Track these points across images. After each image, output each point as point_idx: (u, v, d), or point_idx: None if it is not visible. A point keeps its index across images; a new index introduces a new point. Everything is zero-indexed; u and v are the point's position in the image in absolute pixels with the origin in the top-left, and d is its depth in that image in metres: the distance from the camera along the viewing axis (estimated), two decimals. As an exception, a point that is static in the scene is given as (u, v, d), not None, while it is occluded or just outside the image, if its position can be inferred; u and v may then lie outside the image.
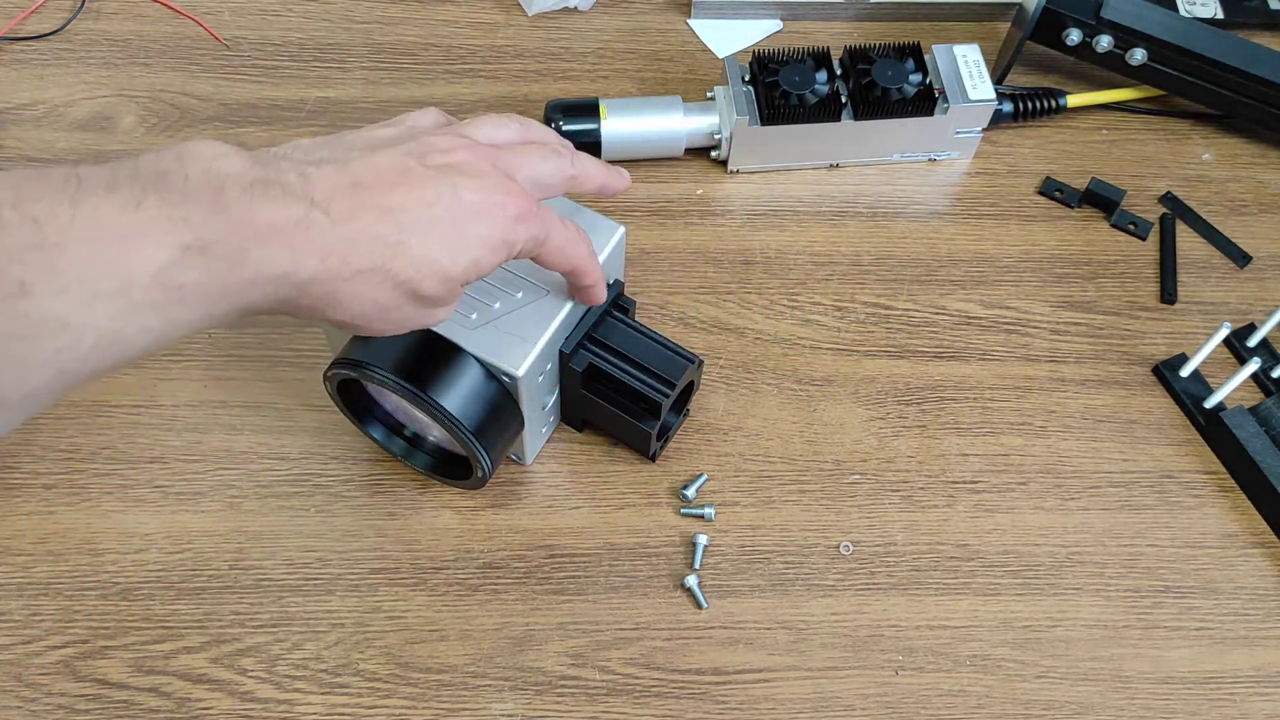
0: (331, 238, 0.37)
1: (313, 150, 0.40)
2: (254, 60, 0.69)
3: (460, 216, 0.40)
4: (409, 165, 0.40)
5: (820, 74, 0.62)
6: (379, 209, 0.38)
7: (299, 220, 0.36)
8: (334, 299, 0.39)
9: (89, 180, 0.34)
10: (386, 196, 0.39)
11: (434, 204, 0.40)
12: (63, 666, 0.51)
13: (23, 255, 0.32)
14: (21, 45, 0.69)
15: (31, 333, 0.32)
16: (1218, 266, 0.65)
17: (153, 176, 0.35)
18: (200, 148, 0.36)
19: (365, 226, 0.38)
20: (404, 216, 0.39)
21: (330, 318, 0.40)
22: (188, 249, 0.34)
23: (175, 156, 0.36)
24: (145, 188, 0.34)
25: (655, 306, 0.61)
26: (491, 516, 0.55)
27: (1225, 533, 0.56)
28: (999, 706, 0.51)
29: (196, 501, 0.55)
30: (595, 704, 0.51)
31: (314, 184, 0.38)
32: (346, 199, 0.38)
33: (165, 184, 0.35)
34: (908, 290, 0.63)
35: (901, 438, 0.58)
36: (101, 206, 0.33)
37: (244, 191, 0.36)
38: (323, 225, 0.37)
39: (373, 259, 0.38)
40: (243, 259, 0.35)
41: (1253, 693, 0.52)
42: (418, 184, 0.40)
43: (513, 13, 0.72)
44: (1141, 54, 0.65)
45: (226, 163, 0.36)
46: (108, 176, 0.34)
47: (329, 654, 0.51)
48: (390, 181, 0.39)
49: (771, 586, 0.54)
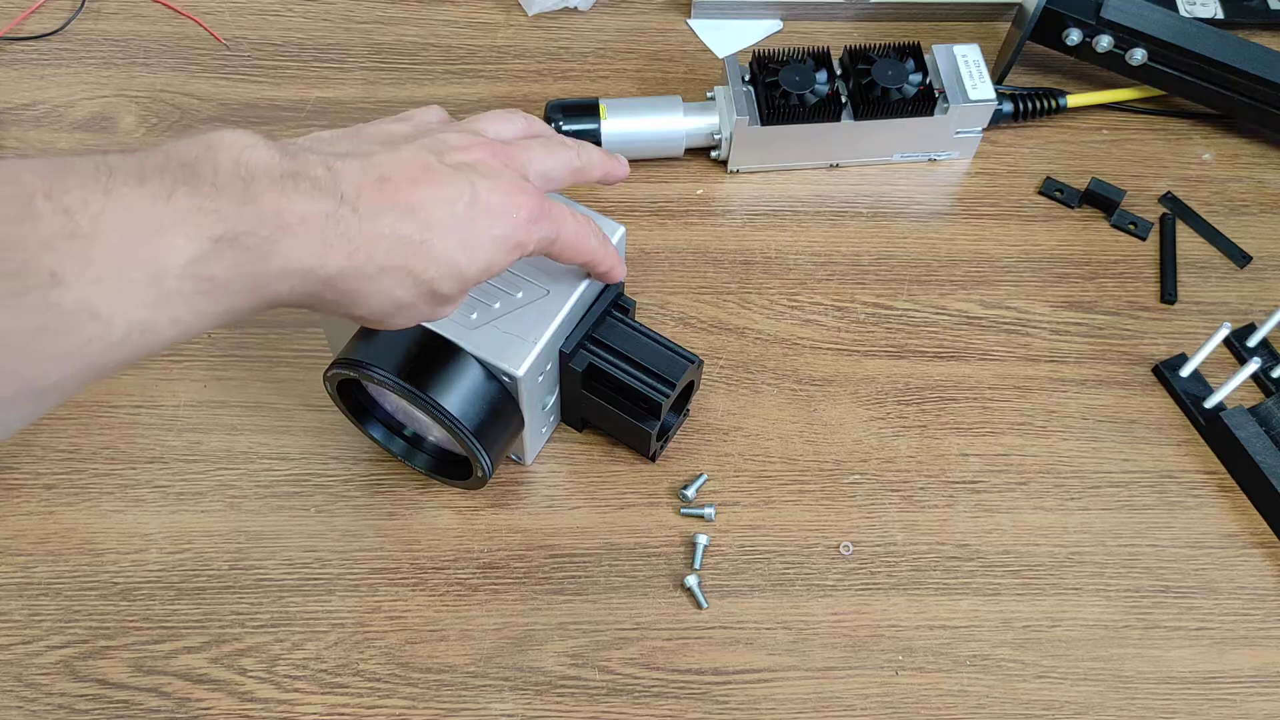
0: (359, 233, 0.37)
1: (334, 143, 0.40)
2: (254, 60, 0.69)
3: (479, 217, 0.40)
4: (430, 162, 0.40)
5: (820, 74, 0.62)
6: (404, 206, 0.39)
7: (329, 214, 0.37)
8: (358, 295, 0.39)
9: (120, 169, 0.33)
10: (411, 194, 0.39)
11: (455, 203, 0.40)
12: (63, 666, 0.51)
13: (55, 244, 0.32)
14: (21, 45, 0.69)
15: (62, 323, 0.32)
16: (1218, 266, 0.65)
17: (182, 166, 0.35)
18: (230, 137, 0.36)
19: (392, 224, 0.38)
20: (427, 215, 0.39)
21: (351, 313, 0.40)
22: (219, 240, 0.34)
23: (205, 146, 0.36)
24: (175, 178, 0.34)
25: (655, 306, 0.61)
26: (491, 516, 0.55)
27: (1225, 533, 0.56)
28: (999, 706, 0.51)
29: (196, 501, 0.55)
30: (595, 704, 0.51)
31: (342, 178, 0.38)
32: (373, 194, 0.38)
33: (195, 174, 0.35)
34: (908, 290, 0.63)
35: (901, 438, 0.58)
36: (133, 197, 0.33)
37: (274, 184, 0.36)
38: (350, 221, 0.37)
39: (397, 257, 0.38)
40: (271, 251, 0.35)
41: (1253, 693, 0.52)
42: (440, 182, 0.40)
43: (513, 13, 0.72)
44: (1141, 54, 0.65)
45: (255, 154, 0.36)
46: (137, 166, 0.34)
47: (329, 654, 0.51)
48: (413, 178, 0.39)
49: (771, 586, 0.54)
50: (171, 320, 0.34)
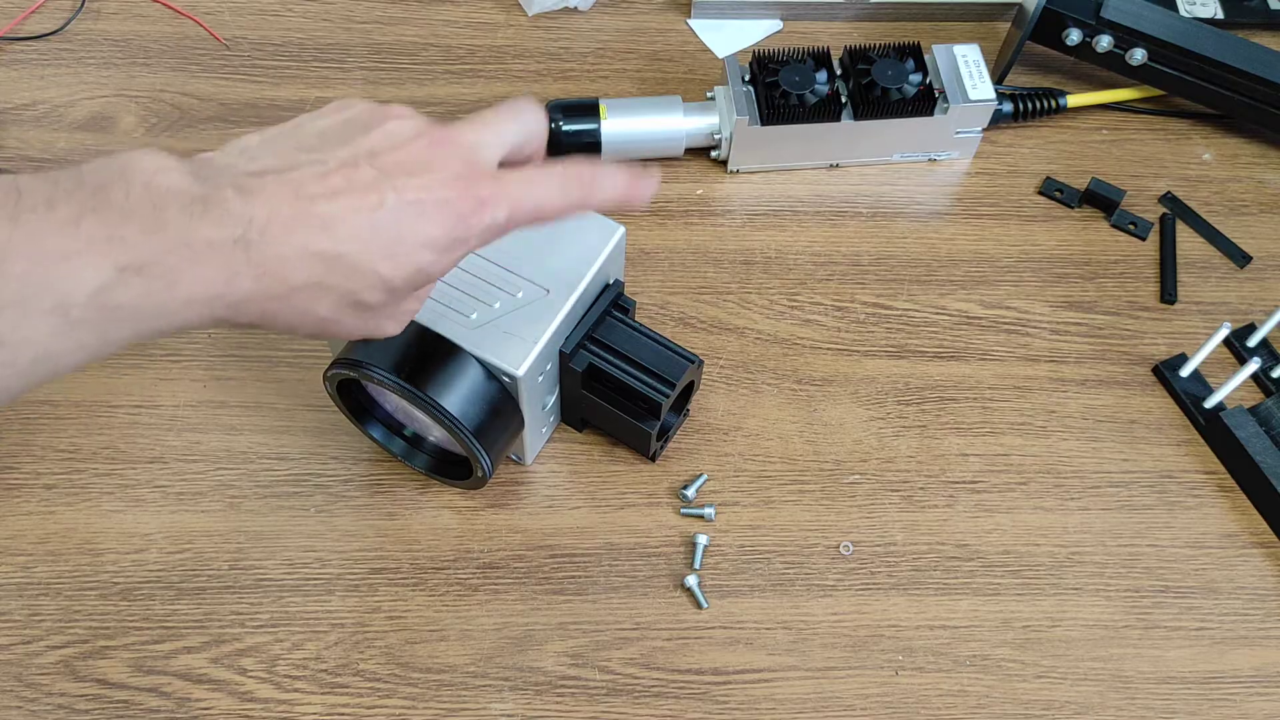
0: (268, 255, 0.36)
1: (256, 155, 0.39)
2: (254, 60, 0.69)
3: (403, 221, 0.38)
4: (353, 167, 0.38)
5: (820, 74, 0.62)
6: (318, 222, 0.37)
7: (237, 239, 0.36)
8: (273, 314, 0.38)
9: (29, 193, 0.33)
10: (329, 207, 0.37)
11: (376, 209, 0.38)
12: (63, 666, 0.51)
13: None
14: (21, 45, 0.69)
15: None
16: (1218, 266, 0.65)
17: (94, 190, 0.34)
18: (142, 160, 0.36)
19: (304, 242, 0.37)
20: (343, 228, 0.37)
21: (275, 330, 0.39)
22: (124, 270, 0.34)
23: (119, 169, 0.35)
24: (85, 204, 0.34)
25: (655, 306, 0.61)
26: (491, 516, 0.55)
27: (1225, 533, 0.56)
28: (999, 706, 0.51)
29: (196, 501, 0.55)
30: (595, 704, 0.51)
31: (254, 199, 0.37)
32: (286, 211, 0.37)
33: (106, 200, 0.34)
34: (908, 290, 0.63)
35: (901, 438, 0.58)
36: (40, 224, 0.33)
37: (183, 210, 0.35)
38: (259, 245, 0.36)
39: (309, 274, 0.37)
40: (177, 280, 0.35)
41: (1253, 693, 0.52)
42: (361, 189, 0.38)
43: (513, 13, 0.72)
44: (1141, 54, 0.65)
45: (168, 178, 0.35)
46: (48, 191, 0.34)
47: (329, 654, 0.51)
48: (333, 190, 0.38)
49: (771, 586, 0.54)
50: (78, 346, 0.34)
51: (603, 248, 0.51)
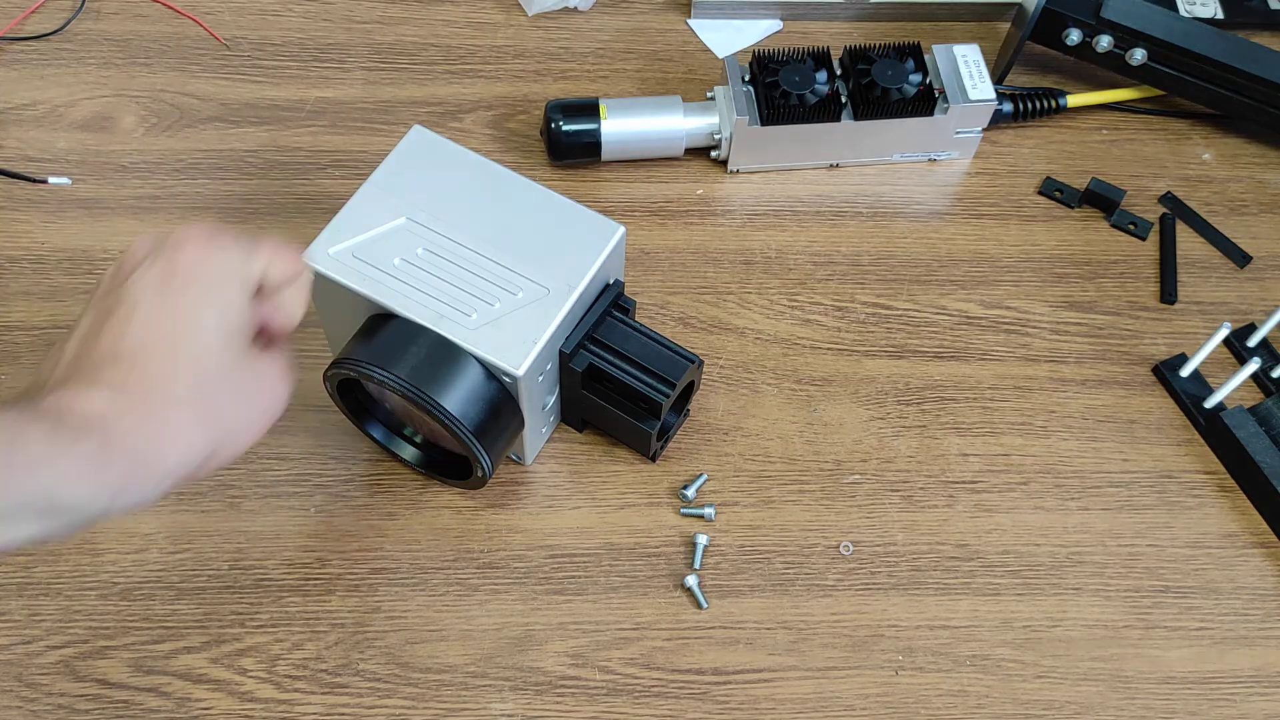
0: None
1: (56, 364, 0.40)
2: (254, 60, 0.69)
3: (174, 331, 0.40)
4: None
5: (820, 74, 0.62)
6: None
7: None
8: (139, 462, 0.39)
9: None
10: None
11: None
12: (63, 666, 0.51)
13: None
14: (21, 45, 0.69)
15: None
16: (1218, 266, 0.65)
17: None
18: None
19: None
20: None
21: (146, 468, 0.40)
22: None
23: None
24: None
25: (655, 306, 0.61)
26: (491, 516, 0.55)
27: (1225, 533, 0.56)
28: (999, 706, 0.51)
29: (196, 501, 0.55)
30: (595, 704, 0.51)
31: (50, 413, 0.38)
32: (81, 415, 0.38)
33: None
34: (908, 290, 0.63)
35: (901, 438, 0.58)
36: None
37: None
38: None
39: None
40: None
41: (1253, 693, 0.52)
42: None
43: (513, 13, 0.72)
44: (1141, 54, 0.65)
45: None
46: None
47: (329, 654, 0.51)
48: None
49: (771, 586, 0.54)
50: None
51: (603, 248, 0.51)
